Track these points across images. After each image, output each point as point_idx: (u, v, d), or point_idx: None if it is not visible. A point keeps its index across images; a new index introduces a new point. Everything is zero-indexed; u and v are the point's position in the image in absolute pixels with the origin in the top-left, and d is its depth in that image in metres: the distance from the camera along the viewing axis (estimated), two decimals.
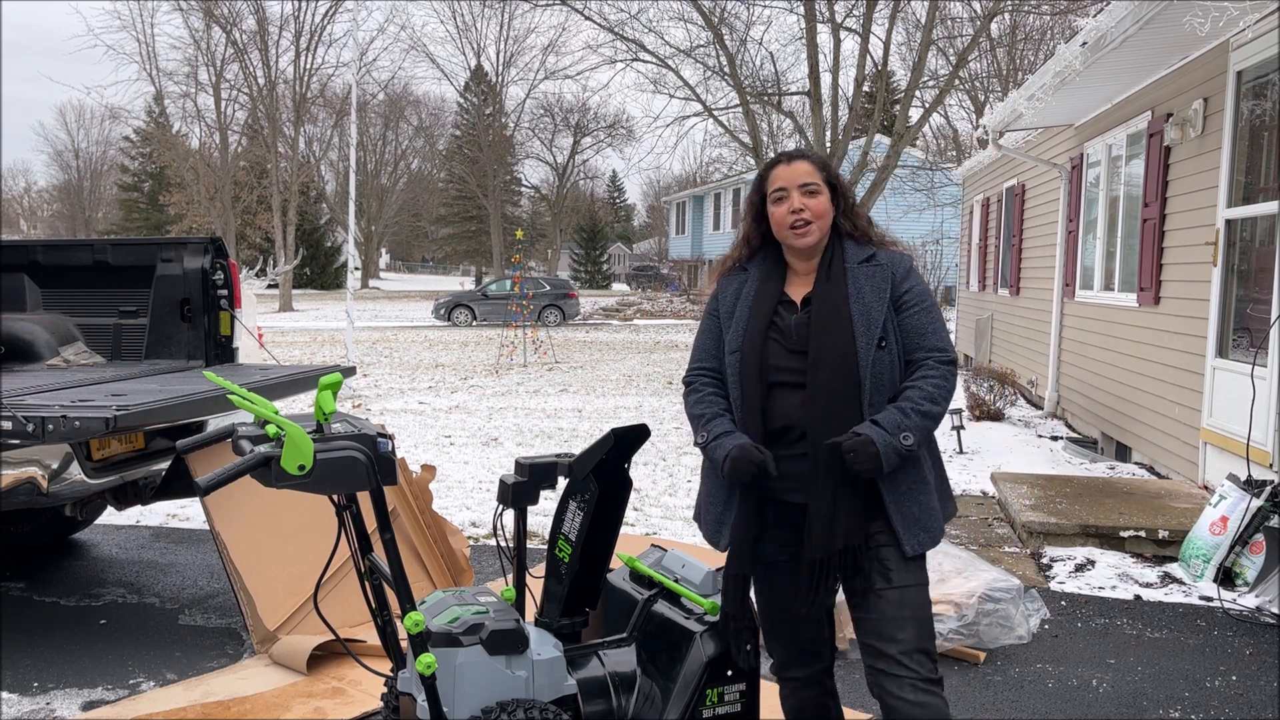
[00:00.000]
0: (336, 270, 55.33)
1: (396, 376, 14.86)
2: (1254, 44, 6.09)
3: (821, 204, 2.52)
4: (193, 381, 4.48)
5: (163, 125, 43.85)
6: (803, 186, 2.52)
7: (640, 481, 7.41)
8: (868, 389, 2.39)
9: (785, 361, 2.46)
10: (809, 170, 2.54)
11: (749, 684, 2.74)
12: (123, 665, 4.03)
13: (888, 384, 2.41)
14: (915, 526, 2.41)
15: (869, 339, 2.40)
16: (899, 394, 2.41)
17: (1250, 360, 5.91)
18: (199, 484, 2.25)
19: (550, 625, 2.87)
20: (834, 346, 2.40)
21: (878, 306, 2.44)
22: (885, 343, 2.42)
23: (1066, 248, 10.28)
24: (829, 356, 2.40)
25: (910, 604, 2.40)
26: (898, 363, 2.44)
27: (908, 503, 2.41)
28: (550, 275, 41.44)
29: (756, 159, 19.46)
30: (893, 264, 2.51)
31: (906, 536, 2.40)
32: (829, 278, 2.50)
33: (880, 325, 2.42)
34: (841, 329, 2.42)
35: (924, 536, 2.42)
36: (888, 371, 2.41)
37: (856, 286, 2.47)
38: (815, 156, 2.61)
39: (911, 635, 2.38)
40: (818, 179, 2.53)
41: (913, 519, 2.41)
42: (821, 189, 2.53)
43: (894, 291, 2.48)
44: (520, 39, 60.88)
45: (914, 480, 2.42)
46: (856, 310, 2.44)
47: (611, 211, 72.88)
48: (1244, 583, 4.99)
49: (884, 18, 18.77)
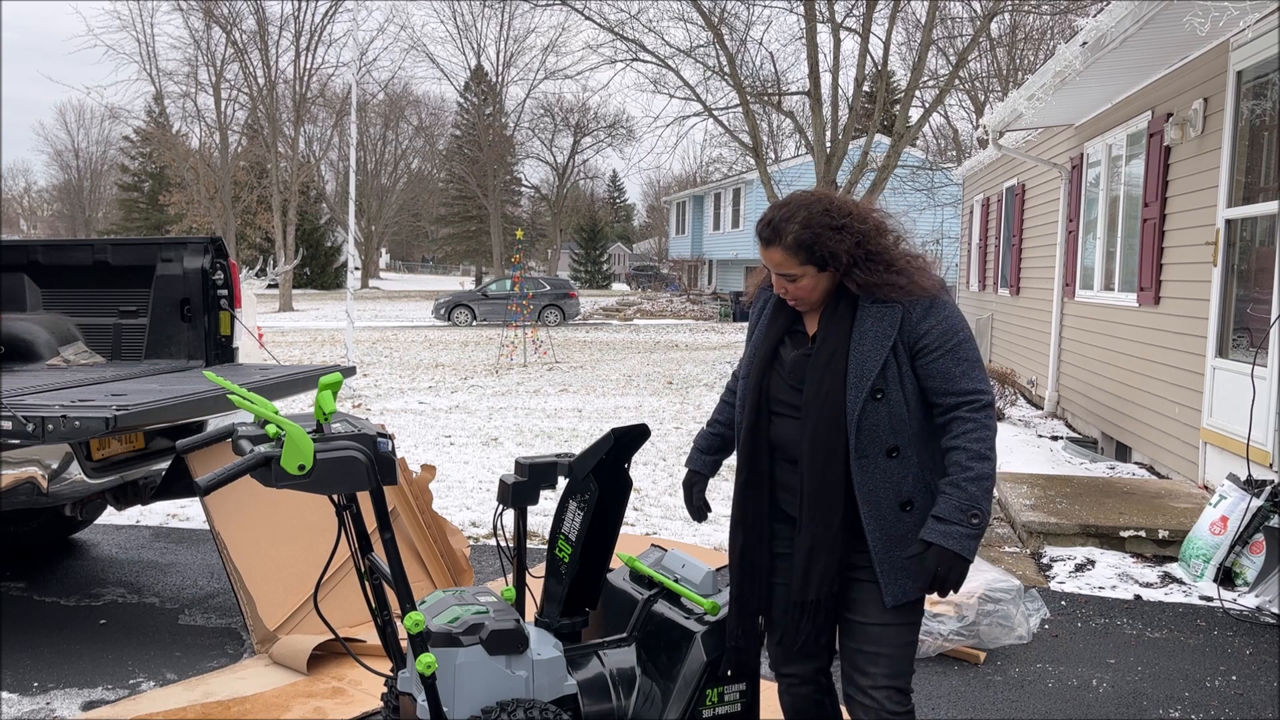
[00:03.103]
0: (336, 270, 55.33)
1: (396, 376, 14.86)
2: (1254, 44, 6.09)
3: (805, 286, 2.38)
4: (193, 381, 4.48)
5: (163, 125, 43.86)
6: (782, 275, 2.40)
7: (640, 481, 7.41)
8: (853, 443, 2.31)
9: (785, 395, 2.44)
10: (781, 260, 2.36)
11: (749, 684, 2.74)
12: (123, 665, 4.03)
13: (885, 435, 2.31)
14: (901, 575, 2.34)
15: (859, 391, 2.30)
16: (946, 453, 2.29)
17: (1250, 360, 5.91)
18: (199, 484, 2.25)
19: (550, 625, 2.87)
20: (825, 394, 2.33)
21: (874, 356, 2.30)
22: (882, 394, 2.30)
23: (1066, 247, 10.28)
24: (819, 404, 2.34)
25: (888, 642, 2.39)
26: (904, 410, 2.32)
27: (898, 549, 2.34)
28: (550, 275, 41.44)
29: (757, 159, 19.44)
30: (908, 304, 2.33)
31: (887, 585, 2.34)
32: (834, 314, 2.38)
33: (874, 377, 2.30)
34: (834, 378, 2.33)
35: (909, 585, 2.34)
36: (884, 424, 2.31)
37: (861, 330, 2.34)
38: (791, 237, 2.34)
39: (883, 671, 2.39)
40: (792, 267, 2.36)
41: (899, 567, 2.34)
42: (800, 273, 2.36)
43: (910, 335, 2.31)
44: (520, 39, 60.96)
45: (909, 527, 2.34)
46: (853, 359, 2.32)
47: (611, 211, 72.87)
48: (1244, 583, 4.99)
49: (884, 18, 18.78)
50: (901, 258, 2.38)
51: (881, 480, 2.33)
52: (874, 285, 2.33)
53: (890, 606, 2.36)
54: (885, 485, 2.33)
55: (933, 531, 2.24)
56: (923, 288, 2.33)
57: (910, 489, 2.34)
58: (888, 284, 2.32)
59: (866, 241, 2.35)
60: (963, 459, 2.25)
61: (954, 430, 2.29)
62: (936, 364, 2.31)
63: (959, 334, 2.33)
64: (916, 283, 2.34)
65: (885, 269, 2.34)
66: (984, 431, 2.26)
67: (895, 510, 2.33)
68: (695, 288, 42.23)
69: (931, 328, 2.31)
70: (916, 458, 2.34)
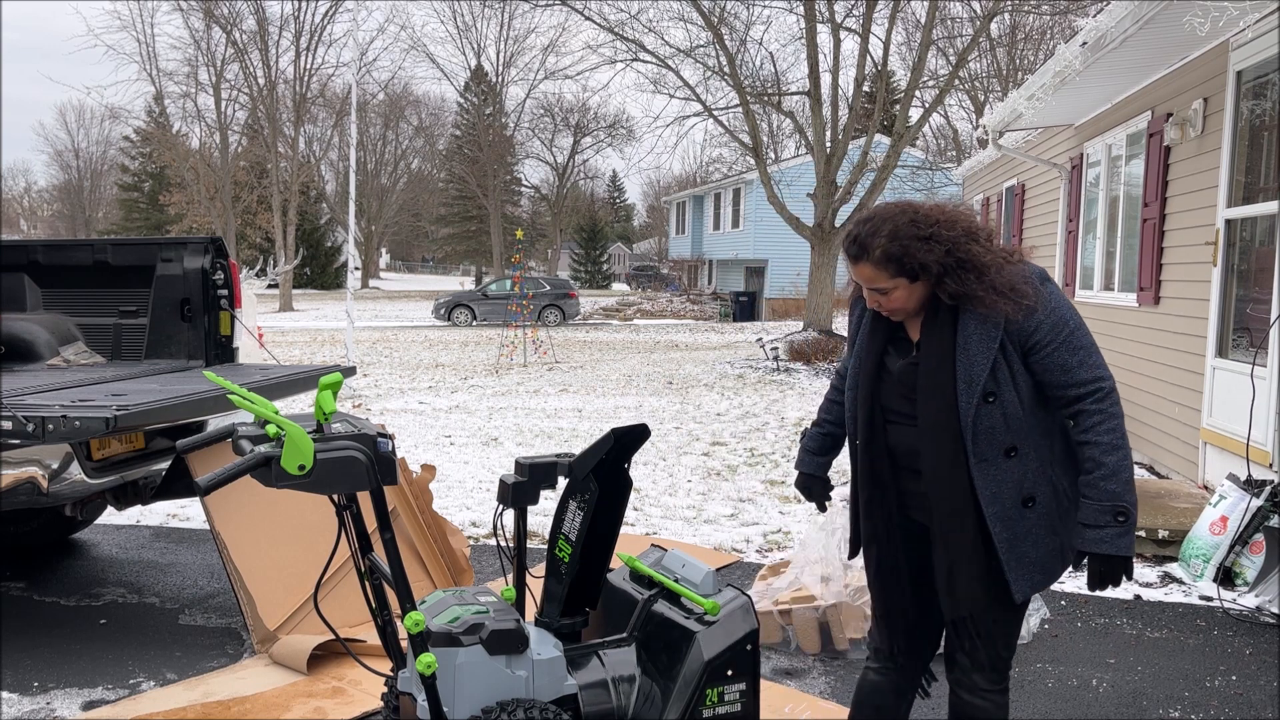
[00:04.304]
0: (336, 270, 55.34)
1: (396, 376, 14.86)
2: (1254, 44, 6.09)
3: (898, 298, 2.36)
4: (193, 381, 4.48)
5: (163, 125, 43.87)
6: (874, 290, 2.39)
7: (640, 481, 7.41)
8: (970, 448, 2.31)
9: (898, 405, 2.44)
10: (871, 275, 2.35)
11: (749, 684, 2.74)
12: (123, 665, 4.03)
13: (1001, 437, 2.30)
14: (1029, 570, 2.36)
15: (970, 397, 2.29)
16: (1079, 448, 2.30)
17: (1250, 360, 5.91)
18: (199, 484, 2.25)
19: (550, 625, 2.87)
20: (937, 402, 2.33)
21: (982, 360, 2.28)
22: (994, 397, 2.29)
23: (1066, 247, 10.29)
24: (932, 411, 2.34)
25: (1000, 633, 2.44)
26: (1019, 410, 2.30)
27: (1023, 545, 2.35)
28: (550, 275, 41.44)
29: (757, 159, 19.42)
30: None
31: (1016, 582, 2.36)
32: (935, 320, 2.36)
33: (984, 380, 2.28)
34: (944, 384, 2.32)
35: (1039, 578, 2.37)
36: (1000, 425, 2.29)
37: (965, 334, 2.31)
38: (880, 251, 2.31)
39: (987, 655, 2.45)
40: (883, 281, 2.34)
41: (1028, 562, 2.36)
42: (891, 286, 2.34)
43: (1018, 333, 2.29)
44: (520, 39, 60.92)
45: (1033, 522, 2.34)
46: (961, 364, 2.30)
47: (611, 211, 72.87)
48: (1244, 583, 4.99)
49: (884, 18, 18.77)
50: (994, 262, 2.31)
51: (1004, 481, 2.33)
52: (965, 296, 2.30)
53: (1019, 603, 2.39)
54: (1008, 486, 2.33)
55: (1086, 540, 2.26)
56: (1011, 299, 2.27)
57: (1031, 485, 2.34)
58: (977, 298, 2.28)
59: (956, 249, 2.30)
60: (1097, 454, 2.25)
61: (1082, 424, 2.29)
62: (1052, 358, 2.28)
63: (1069, 324, 2.29)
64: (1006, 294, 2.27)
65: (977, 278, 2.29)
66: (1112, 421, 2.26)
67: (1018, 508, 2.33)
68: (695, 288, 42.21)
69: (1041, 323, 2.28)
70: (1035, 454, 2.34)
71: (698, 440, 9.29)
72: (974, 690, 2.47)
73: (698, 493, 7.12)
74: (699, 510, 6.61)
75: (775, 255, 34.18)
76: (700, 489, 7.24)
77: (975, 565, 2.35)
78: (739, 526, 6.17)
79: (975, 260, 2.29)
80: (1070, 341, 2.28)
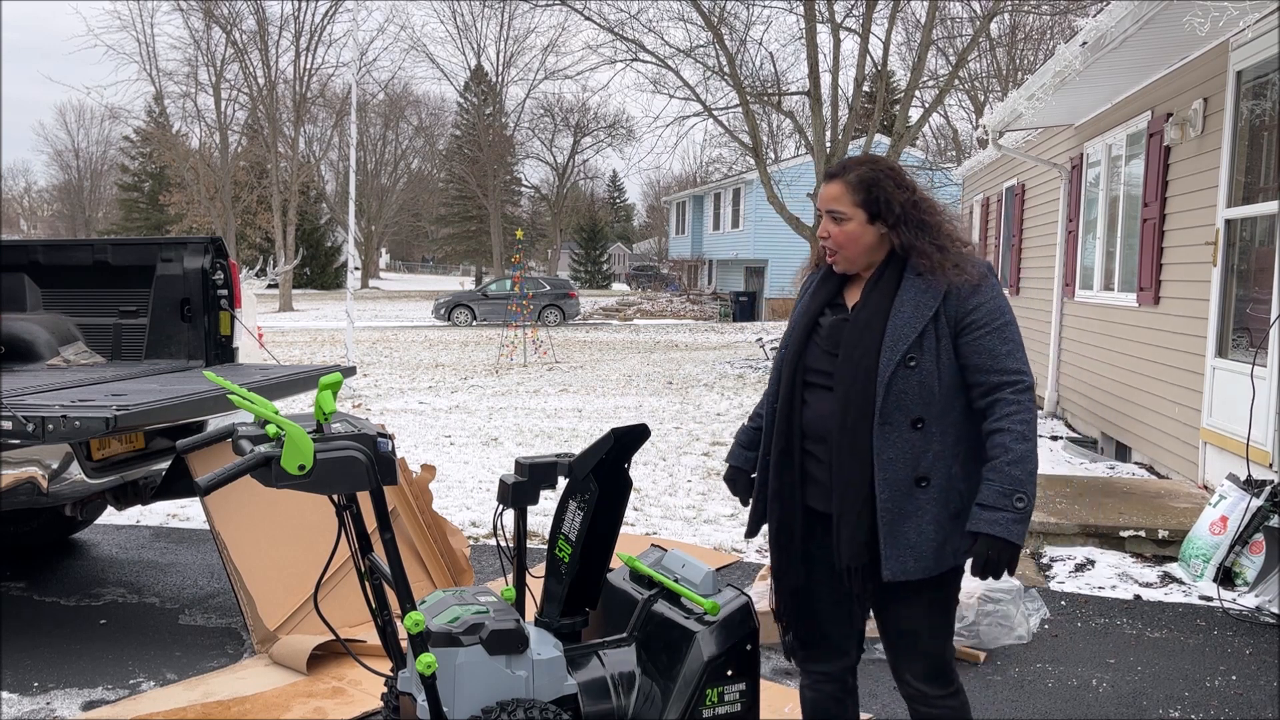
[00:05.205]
0: (336, 270, 55.34)
1: (396, 376, 14.86)
2: (1254, 44, 6.09)
3: (846, 232, 2.40)
4: (193, 381, 4.48)
5: (163, 125, 43.88)
6: (829, 212, 2.42)
7: (640, 481, 7.41)
8: (879, 406, 2.31)
9: (820, 364, 2.45)
10: (837, 194, 2.40)
11: (749, 684, 2.74)
12: (123, 665, 4.03)
13: (912, 404, 2.31)
14: (904, 551, 2.33)
15: (892, 355, 2.31)
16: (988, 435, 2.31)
17: (1250, 360, 5.91)
18: (199, 484, 2.25)
19: (550, 625, 2.87)
20: (858, 357, 2.35)
21: (913, 324, 2.32)
22: (915, 363, 2.31)
23: (1066, 247, 10.29)
24: (851, 364, 2.36)
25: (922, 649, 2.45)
26: (935, 384, 2.31)
27: (905, 524, 2.33)
28: (550, 275, 41.44)
29: (757, 159, 19.42)
30: (955, 280, 2.35)
31: (888, 559, 2.33)
32: (876, 286, 2.40)
33: (909, 344, 2.31)
34: (870, 341, 2.34)
35: (911, 564, 2.33)
36: (914, 391, 2.31)
37: (902, 299, 2.36)
38: (855, 174, 2.41)
39: (919, 670, 2.46)
40: (844, 205, 2.39)
41: (904, 544, 2.33)
42: (849, 215, 2.39)
43: (956, 310, 2.33)
44: (520, 39, 60.89)
45: (921, 505, 2.33)
46: (891, 325, 2.33)
47: (611, 211, 72.86)
48: (1244, 583, 4.99)
49: (884, 18, 18.78)
50: (950, 236, 2.41)
51: (902, 450, 2.33)
52: (916, 249, 2.37)
53: (886, 580, 2.36)
54: (905, 456, 2.33)
55: (980, 520, 2.26)
56: (962, 269, 2.35)
57: (928, 465, 2.33)
58: (925, 252, 2.36)
59: (920, 208, 2.40)
60: (1006, 440, 2.27)
61: (997, 413, 2.31)
62: (982, 341, 2.32)
63: (1005, 315, 2.35)
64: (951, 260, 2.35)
65: (931, 238, 2.38)
66: (1027, 414, 2.29)
67: (910, 484, 2.33)
68: (695, 288, 42.20)
69: (979, 304, 2.33)
70: (940, 437, 2.34)
71: (698, 440, 9.29)
72: (927, 701, 2.47)
73: (698, 493, 7.12)
74: (699, 510, 6.62)
75: (775, 255, 34.18)
76: (700, 489, 7.24)
77: (864, 520, 2.36)
78: (739, 526, 6.17)
79: (933, 224, 2.40)
80: (1003, 331, 2.33)
